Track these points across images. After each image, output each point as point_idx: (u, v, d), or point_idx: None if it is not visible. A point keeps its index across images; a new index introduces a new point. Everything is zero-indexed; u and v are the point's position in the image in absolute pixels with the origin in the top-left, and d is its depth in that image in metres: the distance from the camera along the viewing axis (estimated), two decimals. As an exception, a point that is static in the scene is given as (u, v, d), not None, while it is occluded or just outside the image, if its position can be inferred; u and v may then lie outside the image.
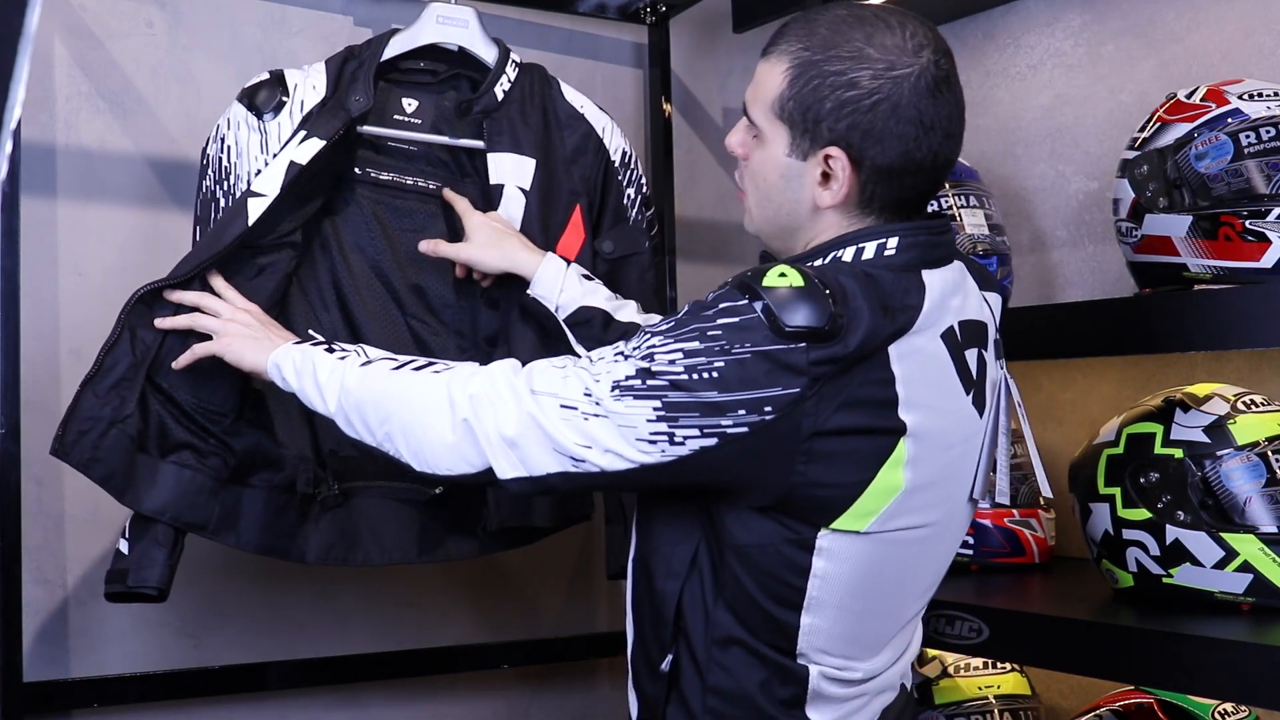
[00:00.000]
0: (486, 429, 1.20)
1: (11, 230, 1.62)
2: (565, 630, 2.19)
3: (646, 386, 1.13)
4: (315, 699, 1.98)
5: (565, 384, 1.18)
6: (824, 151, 1.20)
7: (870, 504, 1.16)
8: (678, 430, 1.13)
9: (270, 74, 1.64)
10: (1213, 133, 1.54)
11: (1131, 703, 1.70)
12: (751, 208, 1.31)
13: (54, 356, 1.80)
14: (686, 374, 1.12)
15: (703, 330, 1.13)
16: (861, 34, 1.18)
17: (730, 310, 1.12)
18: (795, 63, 1.20)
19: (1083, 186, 2.14)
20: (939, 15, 2.38)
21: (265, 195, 1.56)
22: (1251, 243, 1.50)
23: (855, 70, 1.17)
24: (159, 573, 1.52)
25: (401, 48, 1.72)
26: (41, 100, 1.81)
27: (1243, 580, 1.53)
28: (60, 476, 1.79)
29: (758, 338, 1.10)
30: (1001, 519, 1.94)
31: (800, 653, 1.21)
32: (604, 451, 1.15)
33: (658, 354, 1.14)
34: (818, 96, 1.18)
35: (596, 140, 1.77)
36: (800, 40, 1.21)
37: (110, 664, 1.82)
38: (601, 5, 2.20)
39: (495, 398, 1.20)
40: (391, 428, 1.27)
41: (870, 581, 1.21)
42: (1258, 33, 1.89)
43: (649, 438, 1.13)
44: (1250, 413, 1.58)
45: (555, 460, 1.17)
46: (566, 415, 1.16)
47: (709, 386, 1.11)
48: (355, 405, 1.31)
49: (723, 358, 1.11)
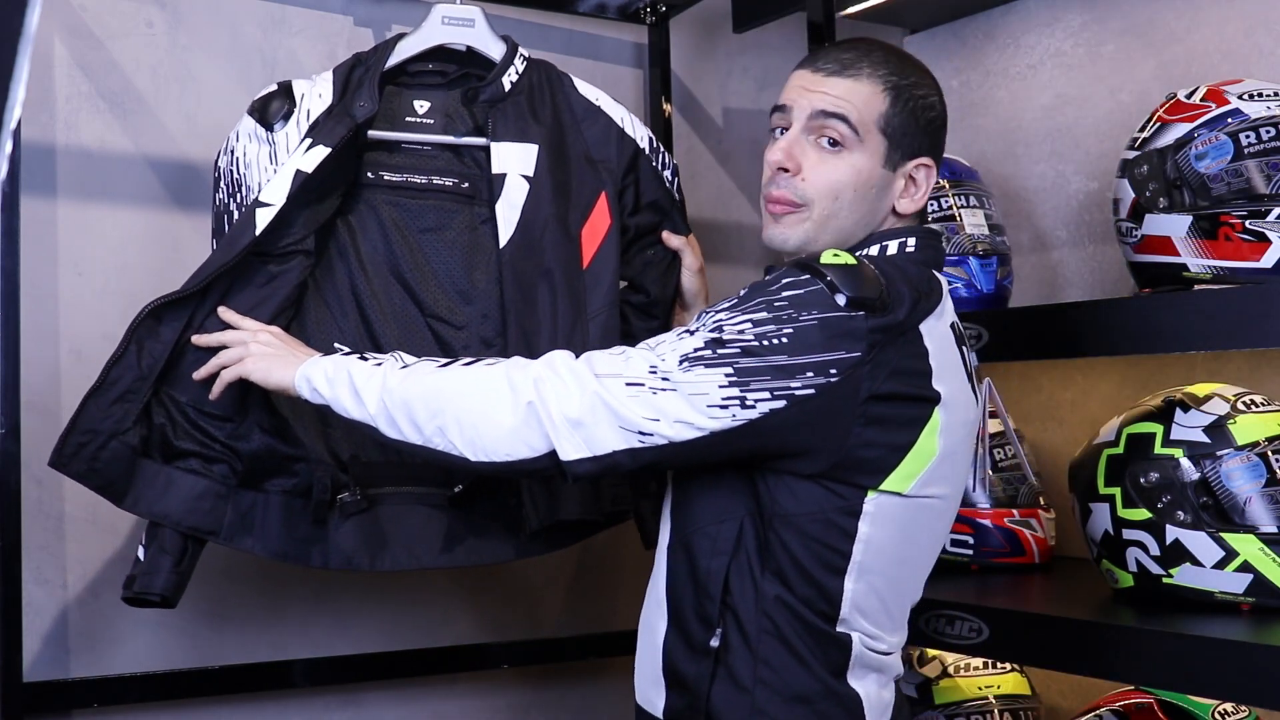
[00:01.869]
0: (550, 411, 1.23)
1: (11, 230, 1.62)
2: (565, 630, 2.18)
3: (717, 355, 1.21)
4: (315, 699, 1.98)
5: (628, 364, 1.24)
6: (917, 162, 1.36)
7: (912, 466, 1.26)
8: (749, 394, 1.20)
9: (278, 85, 1.64)
10: (1213, 133, 1.54)
11: (1131, 703, 1.70)
12: (813, 218, 1.35)
13: (54, 356, 1.80)
14: (756, 340, 1.21)
15: (769, 302, 1.23)
16: (920, 66, 1.39)
17: (794, 284, 1.23)
18: (889, 85, 1.34)
19: (1083, 186, 2.14)
20: (939, 15, 2.38)
21: (272, 204, 1.56)
22: (1251, 243, 1.50)
23: (931, 95, 1.38)
24: (164, 580, 1.52)
25: (409, 51, 1.72)
26: (41, 100, 1.81)
27: (1243, 580, 1.53)
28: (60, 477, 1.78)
29: (822, 307, 1.21)
30: (1001, 519, 1.94)
31: (843, 618, 1.28)
32: (674, 422, 1.21)
33: (726, 325, 1.22)
34: (915, 115, 1.35)
35: (618, 130, 1.77)
36: (883, 66, 1.35)
37: (110, 664, 1.82)
38: (601, 5, 2.20)
39: (558, 380, 1.24)
40: (444, 420, 1.28)
41: (905, 548, 1.31)
42: (1258, 33, 1.89)
43: (721, 403, 1.20)
44: (1250, 413, 1.58)
45: (621, 437, 1.22)
46: (634, 391, 1.22)
47: (778, 351, 1.20)
48: (401, 403, 1.31)
49: (790, 325, 1.21)
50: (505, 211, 1.69)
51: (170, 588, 1.53)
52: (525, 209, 1.68)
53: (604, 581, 2.25)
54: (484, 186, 1.73)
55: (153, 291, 1.85)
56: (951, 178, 1.94)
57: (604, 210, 1.72)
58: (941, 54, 2.39)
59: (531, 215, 1.68)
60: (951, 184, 1.94)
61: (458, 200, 1.74)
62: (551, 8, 2.18)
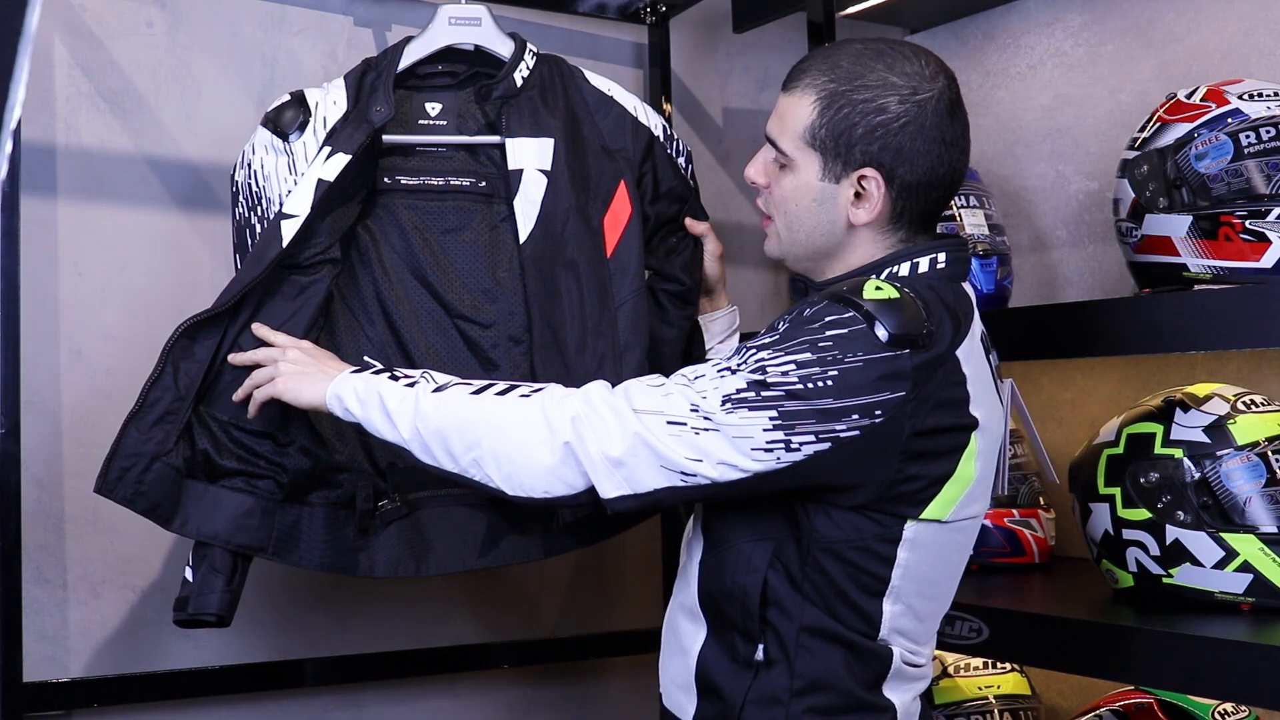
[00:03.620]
0: (589, 450, 1.22)
1: (11, 230, 1.62)
2: (565, 630, 2.19)
3: (761, 398, 1.19)
4: (315, 699, 1.98)
5: (669, 401, 1.22)
6: (858, 173, 1.30)
7: (951, 493, 1.25)
8: (794, 437, 1.19)
9: (291, 95, 1.63)
10: (1213, 133, 1.54)
11: (1131, 703, 1.70)
12: (780, 233, 1.38)
13: (54, 356, 1.80)
14: (801, 384, 1.18)
15: (813, 342, 1.20)
16: (883, 64, 1.29)
17: (837, 322, 1.20)
18: (822, 94, 1.30)
19: (1083, 186, 2.14)
20: (939, 15, 2.38)
21: (297, 215, 1.56)
22: (1251, 243, 1.50)
23: (883, 97, 1.28)
24: (218, 599, 1.52)
25: (418, 54, 1.71)
26: (41, 100, 1.81)
27: (1243, 580, 1.53)
28: (60, 477, 1.79)
29: (866, 346, 1.19)
30: (1001, 519, 1.94)
31: (882, 636, 1.28)
32: (716, 464, 1.20)
33: (769, 366, 1.20)
34: (849, 123, 1.28)
35: (633, 120, 1.77)
36: (824, 74, 1.30)
37: (110, 664, 1.82)
38: (601, 5, 2.20)
39: (596, 419, 1.23)
40: (480, 453, 1.28)
41: (940, 569, 1.31)
42: (1258, 33, 1.89)
43: (765, 446, 1.19)
44: (1250, 413, 1.58)
45: (663, 476, 1.21)
46: (675, 431, 1.21)
47: (824, 394, 1.18)
48: (435, 432, 1.30)
49: (836, 366, 1.18)
50: (524, 207, 1.68)
51: (225, 606, 1.53)
52: (544, 203, 1.68)
53: (604, 581, 2.25)
54: (501, 185, 1.73)
55: (153, 291, 1.86)
56: (951, 178, 1.94)
57: (624, 198, 1.72)
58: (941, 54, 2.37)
59: (551, 209, 1.68)
60: (951, 184, 1.93)
61: (476, 200, 1.74)
62: (551, 8, 2.18)
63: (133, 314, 1.85)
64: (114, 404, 1.82)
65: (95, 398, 1.82)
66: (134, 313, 1.85)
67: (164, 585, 1.85)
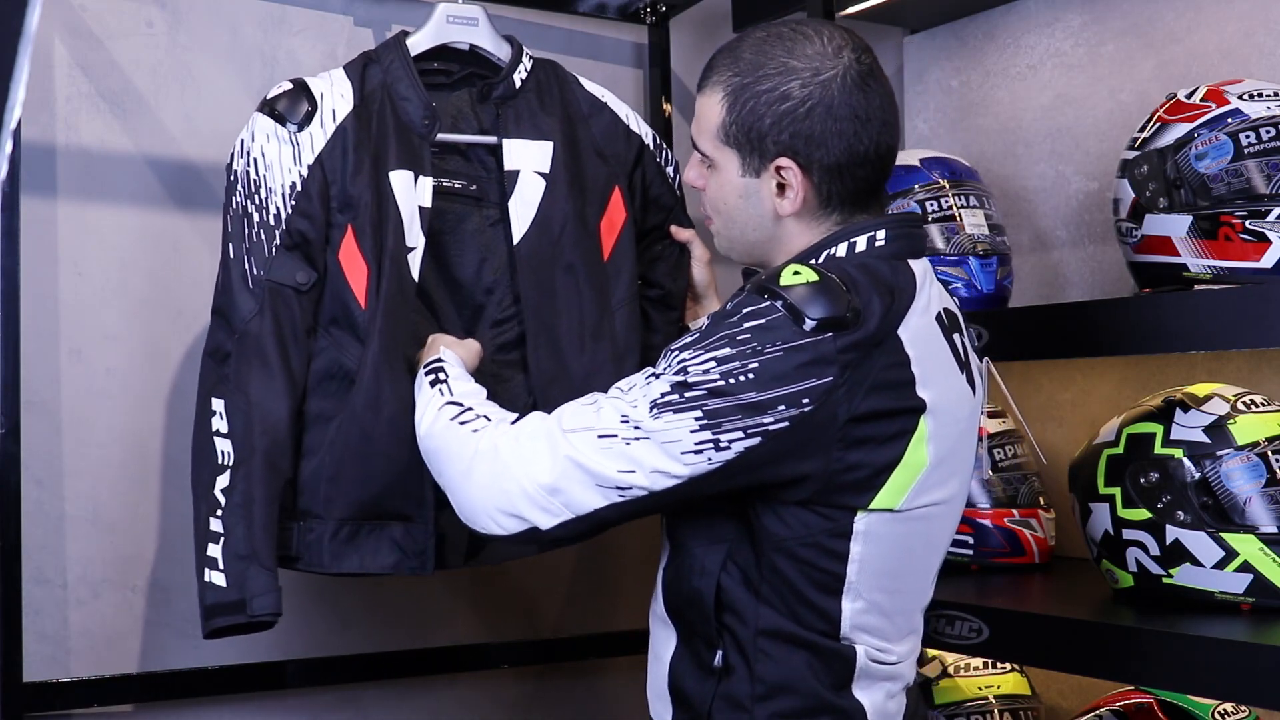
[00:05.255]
0: (523, 487, 1.22)
1: (11, 230, 1.62)
2: (565, 630, 2.18)
3: (685, 399, 1.17)
4: (315, 699, 1.98)
5: (599, 415, 1.21)
6: (774, 164, 1.28)
7: (901, 481, 1.22)
8: (722, 436, 1.16)
9: (293, 83, 1.61)
10: (1213, 133, 1.54)
11: (1131, 703, 1.70)
12: (720, 231, 1.40)
13: (54, 356, 1.80)
14: (723, 379, 1.16)
15: (731, 336, 1.18)
16: (783, 49, 1.27)
17: (754, 313, 1.18)
18: (728, 90, 1.29)
19: (1083, 186, 2.14)
20: (939, 15, 2.38)
21: (416, 247, 1.61)
22: (1251, 243, 1.50)
23: (785, 84, 1.26)
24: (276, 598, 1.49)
25: (416, 49, 1.71)
26: (41, 100, 1.81)
27: (1243, 580, 1.53)
28: (60, 477, 1.79)
29: (786, 335, 1.16)
30: (1001, 519, 1.94)
31: (844, 635, 1.26)
32: (650, 472, 1.18)
33: (690, 366, 1.18)
34: (756, 115, 1.27)
35: (624, 127, 1.77)
36: (729, 69, 1.29)
37: (110, 664, 1.82)
38: (601, 5, 2.20)
39: (524, 452, 1.23)
40: (444, 482, 1.34)
41: (901, 561, 1.27)
42: (1258, 33, 1.89)
43: (694, 448, 1.17)
44: (1250, 413, 1.58)
45: (600, 495, 1.20)
46: (605, 445, 1.19)
47: (747, 388, 1.16)
48: (425, 453, 1.40)
49: (756, 359, 1.16)
50: (519, 209, 1.68)
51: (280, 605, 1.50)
52: (542, 206, 1.67)
53: (604, 581, 2.25)
54: (492, 188, 1.73)
55: (153, 291, 1.86)
56: (951, 178, 1.94)
57: (619, 203, 1.72)
58: (941, 54, 2.39)
59: (549, 212, 1.68)
60: (951, 184, 1.93)
61: (466, 204, 1.73)
62: (551, 8, 2.18)
63: (133, 314, 1.85)
64: (114, 404, 1.83)
65: (95, 398, 1.82)
66: (134, 313, 1.85)
67: (164, 585, 1.85)
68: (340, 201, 1.60)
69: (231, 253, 1.58)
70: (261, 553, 1.49)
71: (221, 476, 1.52)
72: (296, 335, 1.57)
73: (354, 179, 1.59)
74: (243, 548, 1.48)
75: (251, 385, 1.53)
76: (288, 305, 1.57)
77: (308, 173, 1.58)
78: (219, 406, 1.55)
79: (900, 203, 1.91)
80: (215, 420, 1.55)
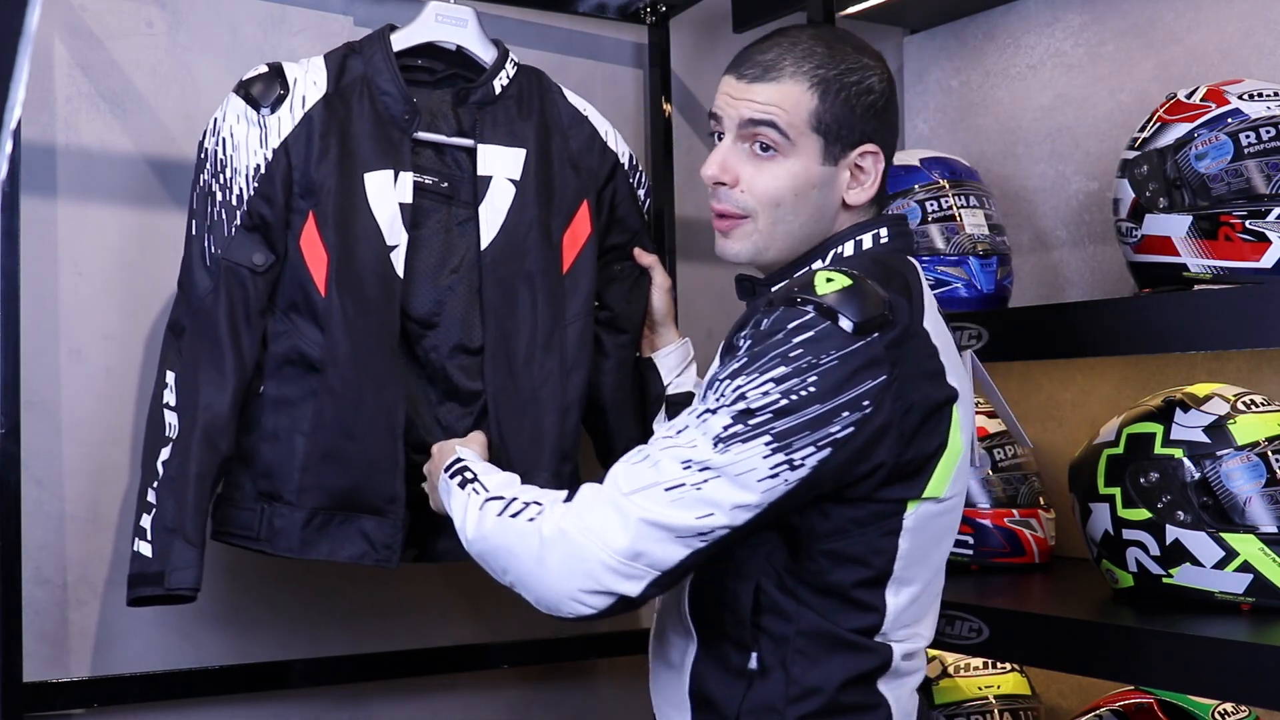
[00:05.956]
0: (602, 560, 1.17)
1: (11, 230, 1.62)
2: (565, 630, 2.18)
3: (750, 427, 1.16)
4: (315, 699, 1.98)
5: (658, 469, 1.18)
6: (857, 151, 1.31)
7: (945, 468, 1.25)
8: (795, 455, 1.16)
9: (268, 66, 1.63)
10: (1213, 133, 1.54)
11: (1131, 703, 1.70)
12: (761, 229, 1.34)
13: (54, 356, 1.80)
14: (785, 399, 1.16)
15: (783, 354, 1.17)
16: (851, 46, 1.33)
17: (800, 327, 1.18)
18: (815, 79, 1.30)
19: (1083, 186, 2.14)
20: (939, 15, 2.38)
21: (399, 244, 1.62)
22: (1251, 243, 1.50)
23: (868, 77, 1.31)
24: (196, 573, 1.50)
25: (401, 45, 1.71)
26: (41, 100, 1.81)
27: (1243, 580, 1.53)
28: (60, 476, 1.79)
29: (837, 343, 1.17)
30: (1001, 519, 1.94)
31: (883, 632, 1.26)
32: (730, 509, 1.16)
33: (749, 392, 1.17)
34: (848, 106, 1.30)
35: (601, 142, 1.78)
36: (807, 60, 1.30)
37: (110, 664, 1.82)
38: (601, 5, 2.20)
39: (592, 526, 1.18)
40: (512, 578, 1.26)
41: (933, 551, 1.29)
42: (1258, 33, 1.89)
43: (770, 473, 1.16)
44: (1250, 413, 1.58)
45: (683, 546, 1.17)
46: (676, 496, 1.16)
47: (810, 402, 1.16)
48: (479, 555, 1.30)
49: (813, 372, 1.16)
50: (489, 214, 1.69)
51: (200, 580, 1.51)
52: (510, 213, 1.69)
53: (604, 581, 2.25)
54: (463, 187, 1.73)
55: (153, 291, 1.86)
56: (951, 178, 1.94)
57: (585, 218, 1.73)
58: (941, 54, 2.39)
59: (516, 219, 1.69)
60: (951, 184, 1.93)
61: (435, 199, 1.72)
62: (551, 8, 2.18)
63: (133, 314, 1.85)
64: (114, 404, 1.83)
65: (95, 398, 1.82)
66: (134, 313, 1.85)
67: (164, 585, 1.85)
68: (303, 187, 1.61)
69: (194, 229, 1.60)
70: (188, 527, 1.50)
71: (165, 449, 1.55)
72: (249, 316, 1.58)
73: (318, 165, 1.60)
74: (170, 520, 1.50)
75: (200, 362, 1.55)
76: (242, 285, 1.58)
77: (272, 156, 1.59)
78: (170, 379, 1.57)
79: (900, 203, 1.91)
80: (166, 393, 1.58)
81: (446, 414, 1.70)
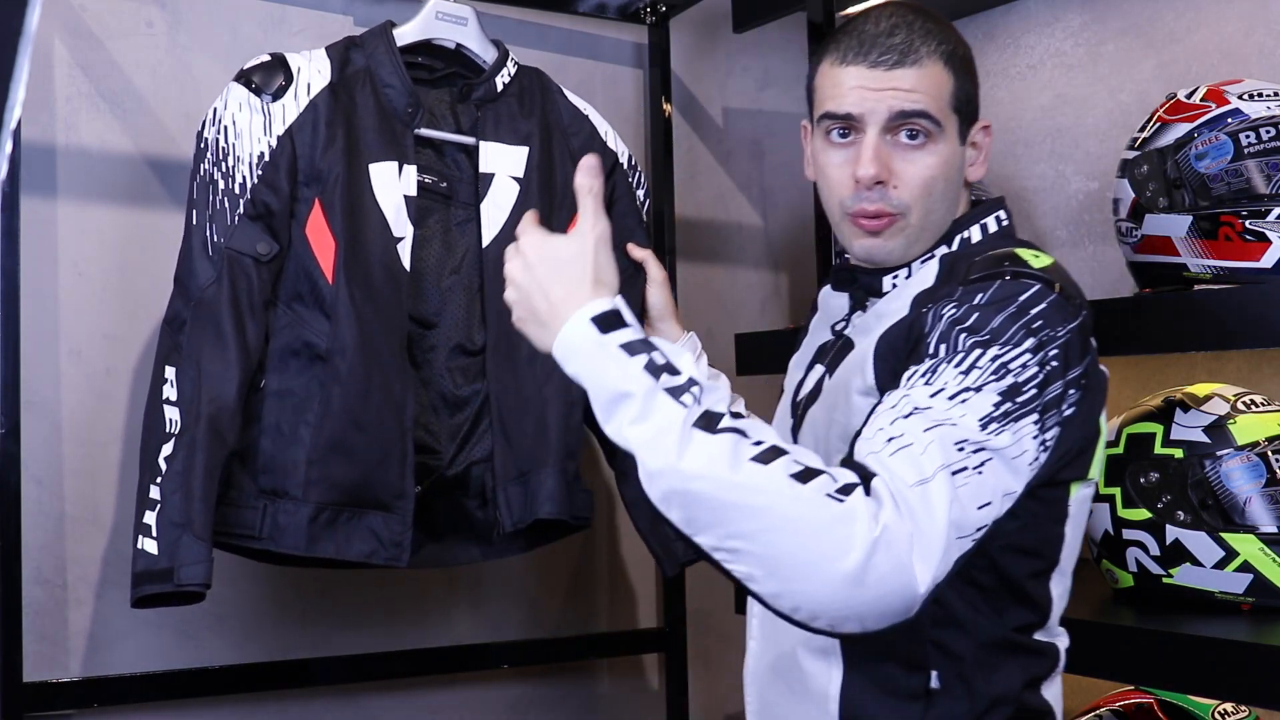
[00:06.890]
0: (934, 574, 0.97)
1: (11, 230, 1.62)
2: (565, 630, 2.18)
3: (1019, 404, 1.06)
4: (315, 699, 1.98)
5: (932, 454, 1.00)
6: (978, 126, 1.29)
7: (1099, 450, 1.20)
8: (1046, 434, 1.09)
9: (271, 56, 1.62)
10: (1213, 133, 1.54)
11: (1131, 703, 1.70)
12: (915, 225, 1.25)
13: (54, 356, 1.80)
14: (1042, 370, 1.08)
15: (1027, 325, 1.09)
16: (943, 18, 1.29)
17: (1032, 299, 1.11)
18: (946, 58, 1.25)
19: (1083, 186, 2.14)
20: (939, 15, 2.38)
21: (405, 236, 1.63)
22: (1251, 243, 1.50)
23: (967, 47, 1.29)
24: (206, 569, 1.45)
25: (402, 42, 1.71)
26: (41, 100, 1.81)
27: (1243, 580, 1.53)
28: (60, 476, 1.79)
29: (1065, 314, 1.12)
30: (1001, 519, 1.94)
31: (1049, 626, 1.22)
32: (1002, 497, 1.04)
33: (1010, 365, 1.07)
34: (971, 80, 1.28)
35: (601, 142, 1.79)
36: (933, 38, 1.24)
37: (110, 664, 1.82)
38: (601, 5, 2.20)
39: (906, 514, 0.96)
40: (749, 547, 0.95)
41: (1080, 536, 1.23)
42: (1258, 33, 1.89)
43: (1035, 454, 1.07)
44: (1250, 413, 1.58)
45: (956, 549, 0.99)
46: (963, 482, 1.00)
47: (1059, 374, 1.10)
48: (691, 496, 0.97)
49: (1055, 345, 1.10)
50: (491, 212, 1.69)
51: (210, 576, 1.46)
52: (514, 210, 1.69)
53: (604, 581, 2.25)
54: (463, 187, 1.73)
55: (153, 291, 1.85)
56: (951, 178, 1.94)
57: None
58: (941, 54, 2.39)
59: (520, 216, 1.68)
60: (951, 184, 1.93)
61: (434, 199, 1.73)
62: (551, 8, 2.18)
63: (133, 314, 1.85)
64: (114, 404, 1.83)
65: (95, 398, 1.82)
66: (134, 313, 1.85)
67: (164, 585, 1.85)
68: (307, 175, 1.59)
69: (194, 219, 1.58)
70: (197, 522, 1.45)
71: (167, 445, 1.50)
72: (253, 306, 1.55)
73: (324, 153, 1.59)
74: (178, 515, 1.46)
75: (203, 353, 1.52)
76: (246, 275, 1.55)
77: (277, 144, 1.58)
78: (170, 374, 1.53)
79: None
80: (166, 388, 1.53)
81: (436, 418, 1.69)
